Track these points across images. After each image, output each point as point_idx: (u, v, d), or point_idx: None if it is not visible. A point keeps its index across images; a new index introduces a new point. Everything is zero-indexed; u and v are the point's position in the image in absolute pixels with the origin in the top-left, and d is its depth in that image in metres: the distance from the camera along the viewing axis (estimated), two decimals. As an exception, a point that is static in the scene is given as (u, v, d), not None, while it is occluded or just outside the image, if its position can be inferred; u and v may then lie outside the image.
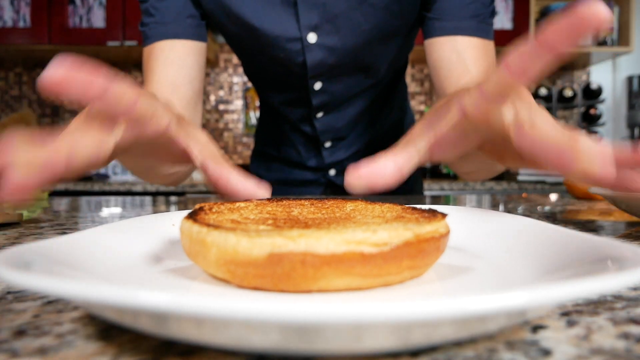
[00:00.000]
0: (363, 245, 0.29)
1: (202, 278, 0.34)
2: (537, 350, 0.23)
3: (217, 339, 0.20)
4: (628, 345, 0.24)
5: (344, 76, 1.00)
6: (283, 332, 0.19)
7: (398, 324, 0.19)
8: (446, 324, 0.20)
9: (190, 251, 0.33)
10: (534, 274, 0.32)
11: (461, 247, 0.43)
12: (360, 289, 0.30)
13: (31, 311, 0.30)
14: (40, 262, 0.27)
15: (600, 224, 0.72)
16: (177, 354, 0.23)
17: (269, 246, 0.28)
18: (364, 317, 0.17)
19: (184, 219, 0.35)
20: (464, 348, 0.24)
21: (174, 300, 0.18)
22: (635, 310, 0.30)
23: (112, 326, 0.27)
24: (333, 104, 1.06)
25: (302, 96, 1.04)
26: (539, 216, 0.83)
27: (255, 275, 0.29)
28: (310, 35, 0.92)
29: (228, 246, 0.30)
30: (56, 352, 0.23)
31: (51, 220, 0.77)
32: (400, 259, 0.30)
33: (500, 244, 0.41)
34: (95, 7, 2.80)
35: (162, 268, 0.36)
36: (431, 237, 0.32)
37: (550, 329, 0.26)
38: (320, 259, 0.28)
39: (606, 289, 0.20)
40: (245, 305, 0.17)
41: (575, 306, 0.31)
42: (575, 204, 1.06)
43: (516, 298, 0.18)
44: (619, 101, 3.15)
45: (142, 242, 0.41)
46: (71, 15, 2.77)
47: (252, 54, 1.01)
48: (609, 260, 0.27)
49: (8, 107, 3.11)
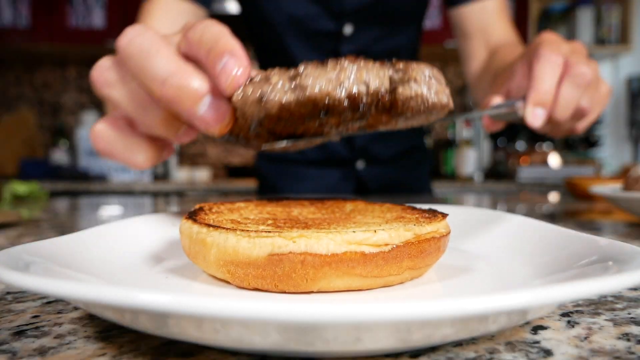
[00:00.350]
0: (364, 246, 0.29)
1: (202, 278, 0.34)
2: (537, 351, 0.23)
3: (218, 339, 0.20)
4: (629, 346, 0.24)
5: (374, 24, 1.03)
6: (283, 333, 0.19)
7: (398, 324, 0.19)
8: (447, 325, 0.20)
9: (190, 251, 0.33)
10: (534, 274, 0.32)
11: (461, 247, 0.42)
12: (361, 290, 0.30)
13: (31, 312, 0.30)
14: (39, 263, 0.27)
15: (600, 224, 0.72)
16: (177, 354, 0.23)
17: (269, 246, 0.28)
18: (364, 317, 0.17)
19: (184, 219, 0.35)
20: (464, 348, 0.24)
21: (174, 300, 0.18)
22: (636, 311, 0.30)
23: (112, 326, 0.27)
24: None
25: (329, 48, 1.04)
26: (539, 216, 0.83)
27: (255, 276, 0.29)
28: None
29: (228, 246, 0.30)
30: (56, 352, 0.23)
31: (51, 220, 0.77)
32: (400, 259, 0.30)
33: (500, 244, 0.41)
34: (95, 7, 2.80)
35: (162, 268, 0.36)
36: (432, 238, 0.32)
37: (551, 330, 0.26)
38: (320, 259, 0.28)
39: (607, 290, 0.20)
40: (245, 305, 0.17)
41: (575, 306, 0.31)
42: (575, 204, 1.06)
43: (517, 298, 0.18)
44: (619, 101, 3.15)
45: (142, 242, 0.41)
46: (71, 15, 2.77)
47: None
48: (610, 261, 0.27)
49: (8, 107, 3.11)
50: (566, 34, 2.96)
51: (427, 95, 0.34)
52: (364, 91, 0.32)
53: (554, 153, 2.72)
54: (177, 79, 0.33)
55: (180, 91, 0.33)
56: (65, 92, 3.17)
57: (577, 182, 1.15)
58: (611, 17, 2.90)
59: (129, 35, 0.35)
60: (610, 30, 2.90)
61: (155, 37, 0.34)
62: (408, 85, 0.33)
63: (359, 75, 0.32)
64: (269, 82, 0.33)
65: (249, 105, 0.33)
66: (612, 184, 0.97)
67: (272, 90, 0.32)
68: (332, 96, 0.32)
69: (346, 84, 0.32)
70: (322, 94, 0.32)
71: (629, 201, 0.66)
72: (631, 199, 0.65)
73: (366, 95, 0.33)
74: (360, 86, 0.32)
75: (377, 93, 0.33)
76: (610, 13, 2.90)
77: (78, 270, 0.30)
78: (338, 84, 0.32)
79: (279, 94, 0.32)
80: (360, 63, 0.33)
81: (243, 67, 0.33)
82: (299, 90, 0.32)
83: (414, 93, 0.33)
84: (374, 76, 0.33)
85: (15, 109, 3.11)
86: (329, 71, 0.32)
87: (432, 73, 0.35)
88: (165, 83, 0.33)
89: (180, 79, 0.33)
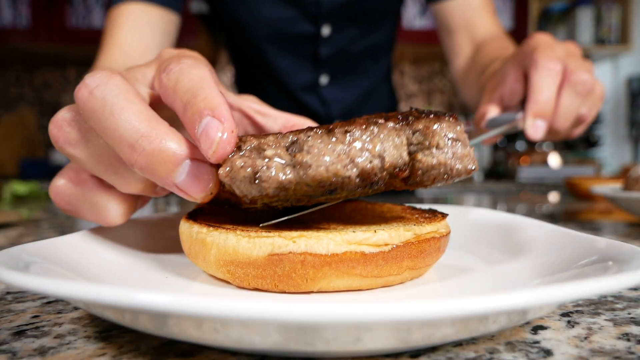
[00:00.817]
0: (364, 246, 0.29)
1: (202, 278, 0.33)
2: (537, 351, 0.23)
3: (218, 339, 0.20)
4: (629, 346, 0.24)
5: (352, 24, 1.01)
6: (283, 333, 0.19)
7: (399, 324, 0.19)
8: (447, 325, 0.20)
9: (190, 252, 0.33)
10: (534, 274, 0.32)
11: (461, 247, 0.42)
12: (361, 290, 0.30)
13: (31, 312, 0.30)
14: (39, 263, 0.27)
15: (600, 224, 0.72)
16: (177, 354, 0.23)
17: (269, 246, 0.28)
18: (365, 317, 0.17)
19: (184, 219, 0.35)
20: (464, 348, 0.24)
21: (174, 300, 0.18)
22: (636, 311, 0.30)
23: (112, 326, 0.27)
24: (339, 64, 1.05)
25: (308, 51, 1.02)
26: (539, 216, 0.83)
27: (255, 276, 0.29)
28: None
29: (228, 246, 0.30)
30: (56, 352, 0.23)
31: (51, 220, 0.77)
32: (400, 259, 0.30)
33: (500, 244, 0.41)
34: (95, 7, 2.80)
35: (162, 268, 0.36)
36: (432, 238, 0.32)
37: (551, 330, 0.26)
38: (320, 259, 0.28)
39: (607, 290, 0.20)
40: (245, 305, 0.17)
41: (575, 306, 0.31)
42: (575, 204, 1.06)
43: (517, 298, 0.18)
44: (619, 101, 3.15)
45: (142, 242, 0.41)
46: (71, 15, 2.77)
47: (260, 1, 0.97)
48: (610, 261, 0.27)
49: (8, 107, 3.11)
50: (566, 34, 2.96)
51: (452, 163, 0.29)
52: (378, 166, 0.28)
53: (554, 153, 2.72)
54: (149, 142, 0.27)
55: (153, 157, 0.27)
56: (65, 92, 3.17)
57: (577, 182, 1.15)
58: (611, 17, 2.90)
59: (89, 85, 0.29)
60: (610, 30, 2.90)
61: (120, 87, 0.28)
62: (430, 152, 0.29)
63: (372, 147, 0.28)
64: (263, 155, 0.27)
65: (239, 182, 0.27)
66: (612, 184, 0.97)
67: (267, 168, 0.27)
68: (341, 175, 0.27)
69: (358, 161, 0.27)
70: (328, 174, 0.27)
71: (629, 201, 0.66)
72: (631, 199, 0.65)
73: (381, 170, 0.28)
74: (375, 161, 0.28)
75: (394, 166, 0.28)
76: (610, 13, 2.90)
77: (78, 270, 0.30)
78: (348, 162, 0.27)
79: (276, 173, 0.27)
80: (373, 129, 0.28)
81: (228, 131, 0.27)
82: (300, 169, 0.27)
83: (436, 162, 0.29)
84: (389, 147, 0.28)
85: (15, 109, 3.11)
86: (336, 143, 0.27)
87: (456, 134, 0.30)
88: (135, 147, 0.27)
89: (152, 142, 0.27)
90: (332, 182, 0.27)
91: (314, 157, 0.27)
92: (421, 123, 0.29)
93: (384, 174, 0.28)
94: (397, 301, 0.18)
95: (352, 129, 0.27)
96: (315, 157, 0.27)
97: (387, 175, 0.29)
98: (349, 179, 0.27)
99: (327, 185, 0.27)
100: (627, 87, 3.15)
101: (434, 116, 0.30)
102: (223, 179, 0.28)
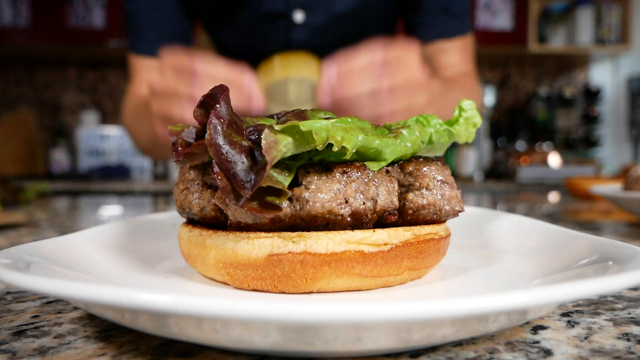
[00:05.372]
0: (363, 245, 0.29)
1: (202, 279, 0.33)
2: (537, 351, 0.23)
3: (218, 339, 0.20)
4: (629, 346, 0.24)
5: (324, 13, 0.98)
6: (283, 333, 0.19)
7: (398, 324, 0.19)
8: (447, 325, 0.20)
9: (189, 255, 0.33)
10: (534, 274, 0.32)
11: (461, 247, 0.42)
12: (360, 290, 0.30)
13: (31, 312, 0.30)
14: (39, 263, 0.27)
15: (600, 224, 0.72)
16: (177, 354, 0.23)
17: (268, 247, 0.28)
18: (365, 317, 0.17)
19: (183, 224, 0.35)
20: (464, 348, 0.24)
21: (174, 300, 0.18)
22: (636, 311, 0.30)
23: (112, 326, 0.27)
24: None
25: (281, 38, 1.00)
26: (539, 216, 0.83)
27: (255, 277, 0.29)
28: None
29: (227, 248, 0.30)
30: (56, 352, 0.23)
31: (51, 220, 0.77)
32: (400, 260, 0.30)
33: (500, 244, 0.41)
34: (95, 7, 2.80)
35: (162, 268, 0.36)
36: (431, 239, 0.32)
37: (551, 330, 0.26)
38: (320, 258, 0.28)
39: (607, 290, 0.20)
40: (245, 305, 0.17)
41: (575, 306, 0.31)
42: (575, 204, 1.06)
43: (517, 298, 0.18)
44: (619, 101, 3.15)
45: (142, 242, 0.41)
46: (71, 15, 2.77)
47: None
48: (610, 261, 0.27)
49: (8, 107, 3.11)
50: (566, 34, 2.96)
51: (440, 204, 0.31)
52: (371, 208, 0.29)
53: (554, 153, 2.72)
54: None
55: None
56: (65, 92, 3.17)
57: (577, 182, 1.15)
58: (611, 17, 2.90)
59: None
60: (610, 30, 2.90)
61: None
62: (420, 192, 0.31)
63: (366, 190, 0.29)
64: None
65: (234, 210, 0.29)
66: (612, 184, 0.97)
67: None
68: (335, 213, 0.28)
69: (351, 201, 0.29)
70: (323, 211, 0.28)
71: (629, 201, 0.66)
72: (631, 199, 0.65)
73: (372, 212, 0.30)
74: (368, 203, 0.29)
75: (384, 210, 0.30)
76: (610, 13, 2.89)
77: (78, 270, 0.30)
78: (343, 201, 0.28)
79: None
80: (368, 174, 0.30)
81: None
82: (296, 203, 0.28)
83: (426, 202, 0.31)
84: (382, 191, 0.30)
85: (15, 109, 3.11)
86: (334, 182, 0.29)
87: (444, 177, 0.32)
88: None
89: None
90: (324, 219, 0.29)
91: (312, 194, 0.28)
92: (411, 165, 0.32)
93: (374, 216, 0.30)
94: (397, 301, 0.18)
95: (350, 171, 0.30)
96: (313, 194, 0.28)
97: (377, 216, 0.30)
98: (341, 217, 0.29)
99: (320, 221, 0.29)
100: (627, 87, 3.15)
101: (424, 160, 0.33)
102: (218, 204, 0.30)
